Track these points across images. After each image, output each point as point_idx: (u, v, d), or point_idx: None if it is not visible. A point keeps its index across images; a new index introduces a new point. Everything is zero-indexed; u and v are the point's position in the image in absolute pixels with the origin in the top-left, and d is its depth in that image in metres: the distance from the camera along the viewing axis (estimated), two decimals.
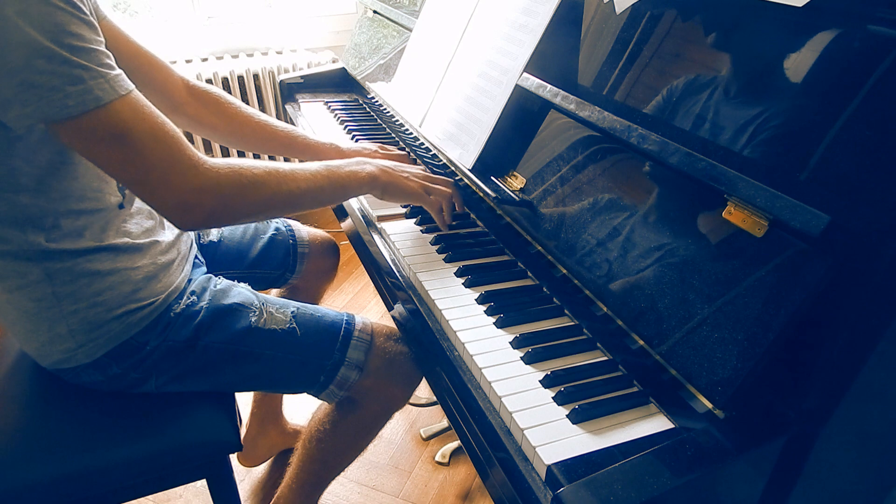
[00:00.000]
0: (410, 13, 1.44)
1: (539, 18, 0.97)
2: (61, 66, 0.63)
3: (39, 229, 0.76)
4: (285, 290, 1.29)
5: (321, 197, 0.89)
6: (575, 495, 0.52)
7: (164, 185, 0.71)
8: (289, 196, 0.83)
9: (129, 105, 0.69)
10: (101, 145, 0.68)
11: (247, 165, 0.79)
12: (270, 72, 2.07)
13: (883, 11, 0.57)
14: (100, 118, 0.66)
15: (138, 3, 2.15)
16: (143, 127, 0.69)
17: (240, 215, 0.81)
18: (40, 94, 0.63)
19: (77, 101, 0.65)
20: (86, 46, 0.66)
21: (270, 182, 0.81)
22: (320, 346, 0.94)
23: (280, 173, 0.82)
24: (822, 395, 0.60)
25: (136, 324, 0.85)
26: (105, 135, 0.67)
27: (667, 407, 0.66)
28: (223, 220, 0.79)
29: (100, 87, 0.66)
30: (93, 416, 0.86)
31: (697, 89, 0.73)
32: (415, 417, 1.63)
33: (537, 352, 0.74)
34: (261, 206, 0.81)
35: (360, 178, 0.92)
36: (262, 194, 0.80)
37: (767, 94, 0.65)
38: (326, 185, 0.88)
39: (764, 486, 0.64)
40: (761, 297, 0.58)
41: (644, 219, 0.73)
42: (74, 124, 0.66)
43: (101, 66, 0.67)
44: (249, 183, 0.78)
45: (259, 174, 0.80)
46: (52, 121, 0.65)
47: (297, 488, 1.08)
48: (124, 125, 0.68)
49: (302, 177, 0.85)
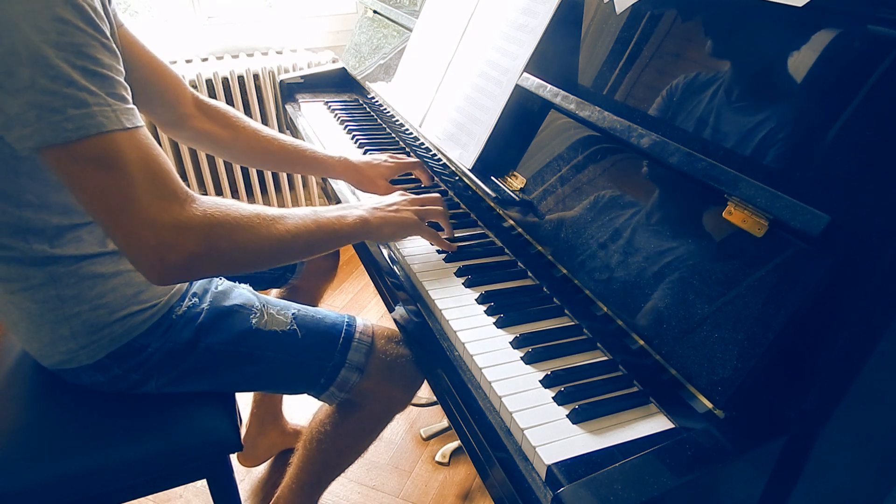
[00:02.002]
0: (410, 13, 1.44)
1: (539, 18, 0.97)
2: (67, 88, 0.60)
3: (42, 238, 0.76)
4: (285, 289, 1.29)
5: (312, 241, 0.81)
6: (575, 495, 0.52)
7: (145, 218, 0.64)
8: (279, 241, 0.76)
9: (129, 138, 0.64)
10: (87, 168, 0.62)
11: (235, 206, 0.73)
12: (270, 72, 2.07)
13: (883, 11, 0.57)
14: (95, 144, 0.62)
15: (138, 3, 2.15)
16: (136, 155, 0.64)
17: (224, 262, 0.72)
18: (40, 115, 0.59)
19: (76, 126, 0.60)
20: (99, 71, 0.62)
21: (258, 224, 0.74)
22: (321, 348, 0.94)
23: (268, 216, 0.76)
24: (822, 395, 0.60)
25: (138, 326, 0.85)
26: (95, 159, 0.62)
27: (667, 407, 0.66)
28: (204, 265, 0.70)
29: (104, 114, 0.62)
30: (93, 416, 0.86)
31: (697, 89, 0.73)
32: (415, 417, 1.63)
33: (537, 352, 0.74)
34: (248, 251, 0.73)
35: (349, 224, 0.86)
36: (251, 237, 0.73)
37: (767, 94, 0.65)
38: (316, 230, 0.81)
39: (764, 486, 0.64)
40: (761, 297, 0.58)
41: (644, 219, 0.73)
42: (67, 150, 0.61)
43: (111, 95, 0.63)
44: (237, 224, 0.71)
45: (247, 216, 0.73)
46: (49, 144, 0.60)
47: (297, 488, 1.08)
48: (118, 152, 0.63)
49: (291, 221, 0.78)
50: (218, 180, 2.14)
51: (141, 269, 0.67)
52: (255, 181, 2.21)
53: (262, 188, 2.26)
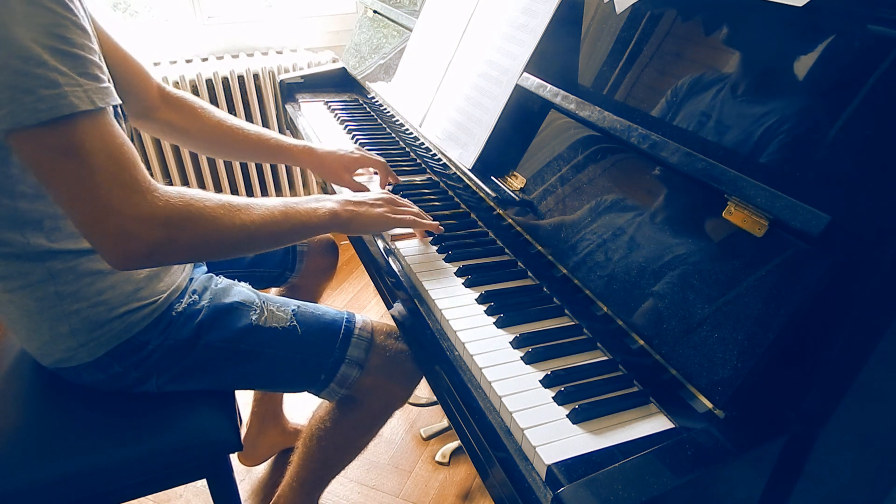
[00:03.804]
0: (410, 13, 1.44)
1: (539, 18, 0.97)
2: (38, 69, 0.60)
3: (39, 231, 0.76)
4: (285, 288, 1.30)
5: (278, 234, 0.81)
6: (575, 495, 0.52)
7: (107, 207, 0.65)
8: (242, 231, 0.76)
9: (95, 121, 0.64)
10: (52, 156, 0.63)
11: (199, 196, 0.73)
12: (270, 72, 2.07)
13: (883, 11, 0.57)
14: (61, 131, 0.62)
15: (138, 3, 2.15)
16: (101, 144, 0.64)
17: (185, 251, 0.72)
18: (13, 97, 0.59)
19: (49, 106, 0.60)
20: (69, 51, 0.62)
21: (223, 215, 0.74)
22: (321, 345, 0.94)
23: (233, 206, 0.76)
24: (822, 395, 0.60)
25: (137, 323, 0.85)
26: (60, 147, 0.63)
27: (667, 407, 0.66)
28: (166, 255, 0.71)
29: (75, 94, 0.62)
30: (93, 415, 0.86)
31: (697, 89, 0.73)
32: (415, 417, 1.63)
33: (537, 351, 0.74)
34: (211, 241, 0.73)
35: (320, 216, 0.85)
36: (213, 227, 0.73)
37: (768, 94, 0.65)
38: (283, 221, 0.81)
39: (764, 486, 0.64)
40: (761, 297, 0.58)
41: (644, 219, 0.73)
42: (40, 132, 0.61)
43: (83, 74, 0.63)
44: (199, 214, 0.71)
45: (211, 206, 0.73)
46: (23, 126, 0.61)
47: (297, 487, 1.09)
48: (82, 139, 0.63)
49: (257, 212, 0.78)
50: (218, 179, 2.14)
51: (103, 256, 0.68)
52: (255, 180, 2.21)
53: (262, 187, 2.25)
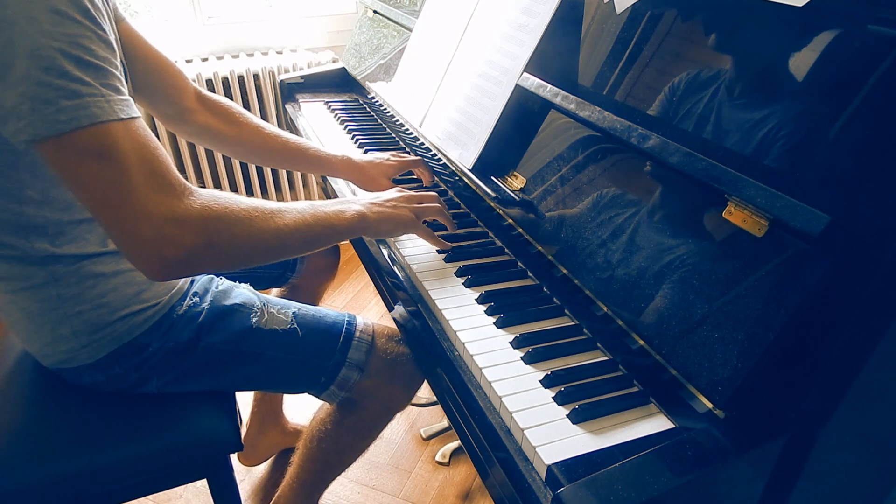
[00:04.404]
0: (410, 13, 1.44)
1: (539, 18, 0.97)
2: (59, 79, 0.59)
3: (44, 237, 0.76)
4: (285, 289, 1.29)
5: (310, 237, 0.81)
6: (575, 495, 0.52)
7: (143, 210, 0.63)
8: (277, 235, 0.75)
9: (124, 128, 0.63)
10: (82, 160, 0.61)
11: (233, 199, 0.72)
12: (270, 72, 2.07)
13: (883, 11, 0.57)
14: (90, 135, 0.61)
15: (138, 3, 2.15)
16: (132, 146, 0.63)
17: (222, 256, 0.70)
18: (34, 107, 0.58)
19: (69, 117, 0.59)
20: (92, 62, 0.61)
21: (257, 218, 0.73)
22: (321, 347, 0.94)
23: (267, 210, 0.75)
24: (822, 395, 0.60)
25: (139, 325, 0.85)
26: (91, 151, 0.61)
27: (667, 407, 0.66)
28: (203, 260, 0.69)
29: (98, 104, 0.61)
30: (94, 415, 0.86)
31: (697, 89, 0.73)
32: (415, 417, 1.63)
33: (537, 352, 0.74)
34: (246, 245, 0.72)
35: (347, 219, 0.85)
36: (249, 231, 0.72)
37: (767, 94, 0.65)
38: (314, 224, 0.80)
39: (764, 486, 0.64)
40: (761, 297, 0.58)
41: (644, 219, 0.73)
42: (62, 142, 0.60)
43: (105, 85, 0.62)
44: (235, 217, 0.70)
45: (245, 209, 0.72)
46: (43, 137, 0.59)
47: (297, 488, 1.09)
48: (114, 143, 0.62)
49: (289, 216, 0.77)
50: (217, 178, 2.14)
51: (139, 265, 0.66)
52: (254, 179, 2.21)
53: (261, 187, 2.25)
